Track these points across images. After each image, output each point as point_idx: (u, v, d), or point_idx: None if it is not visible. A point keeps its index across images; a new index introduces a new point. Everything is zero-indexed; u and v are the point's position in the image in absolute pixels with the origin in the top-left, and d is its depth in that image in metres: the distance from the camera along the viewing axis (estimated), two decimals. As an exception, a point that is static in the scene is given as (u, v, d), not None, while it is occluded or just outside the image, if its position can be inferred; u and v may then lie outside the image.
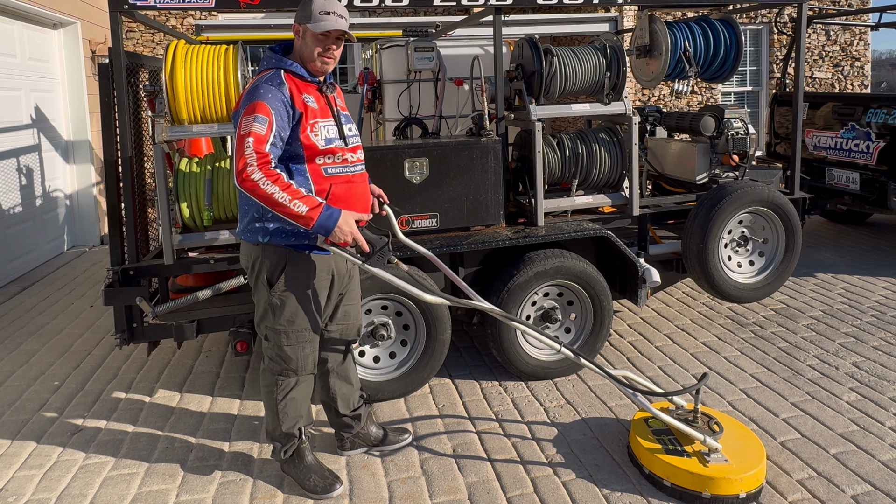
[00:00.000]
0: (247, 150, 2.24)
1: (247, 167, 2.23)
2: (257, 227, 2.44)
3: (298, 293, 2.50)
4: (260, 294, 2.53)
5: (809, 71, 9.63)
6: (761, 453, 2.59)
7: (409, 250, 3.01)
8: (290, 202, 2.23)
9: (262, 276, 2.49)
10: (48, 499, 2.68)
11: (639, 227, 4.03)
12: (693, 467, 2.52)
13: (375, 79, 4.23)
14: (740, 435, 2.72)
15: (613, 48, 3.92)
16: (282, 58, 2.45)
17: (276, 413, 2.61)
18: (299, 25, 2.43)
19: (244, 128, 2.27)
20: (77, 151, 6.99)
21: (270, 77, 2.38)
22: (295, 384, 2.60)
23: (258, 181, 2.23)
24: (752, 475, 2.49)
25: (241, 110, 2.34)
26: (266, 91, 2.32)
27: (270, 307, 2.50)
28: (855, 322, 4.24)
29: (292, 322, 2.51)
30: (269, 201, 2.24)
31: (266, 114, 2.28)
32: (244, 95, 2.38)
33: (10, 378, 3.83)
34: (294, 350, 2.54)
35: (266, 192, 2.23)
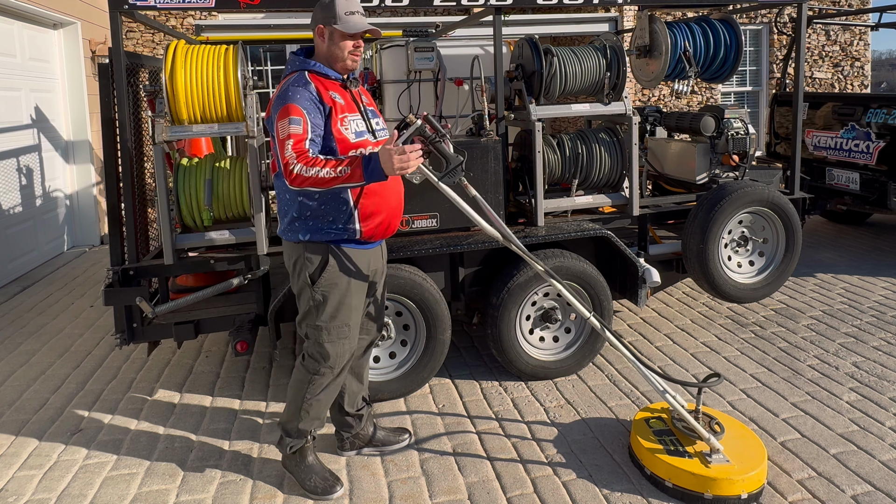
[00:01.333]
0: (286, 152, 2.28)
1: (288, 167, 2.27)
2: (297, 226, 2.48)
3: (340, 289, 2.51)
4: (303, 292, 2.54)
5: (809, 71, 9.63)
6: (762, 454, 2.59)
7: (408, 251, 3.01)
8: (336, 172, 2.25)
9: (304, 273, 2.50)
10: (48, 499, 2.68)
11: (639, 227, 4.03)
12: (695, 468, 2.52)
13: (375, 79, 4.23)
14: (741, 435, 2.72)
15: (613, 48, 3.92)
16: (305, 59, 2.49)
17: (298, 409, 2.60)
18: (324, 27, 2.45)
19: (281, 132, 2.31)
20: (77, 151, 6.99)
21: (296, 79, 2.41)
22: (326, 385, 2.59)
23: (302, 173, 2.26)
24: (753, 476, 2.49)
25: (274, 116, 2.37)
26: (294, 93, 2.36)
27: (313, 304, 2.52)
28: (855, 322, 4.24)
29: (334, 318, 2.53)
30: (321, 182, 2.26)
31: (299, 114, 2.31)
32: (274, 102, 2.41)
33: (10, 378, 3.83)
34: (334, 346, 2.55)
35: (313, 177, 2.25)
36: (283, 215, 2.53)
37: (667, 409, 2.89)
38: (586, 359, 3.58)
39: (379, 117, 2.65)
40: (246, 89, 3.40)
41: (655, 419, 2.85)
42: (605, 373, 3.64)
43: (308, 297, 2.53)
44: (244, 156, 3.63)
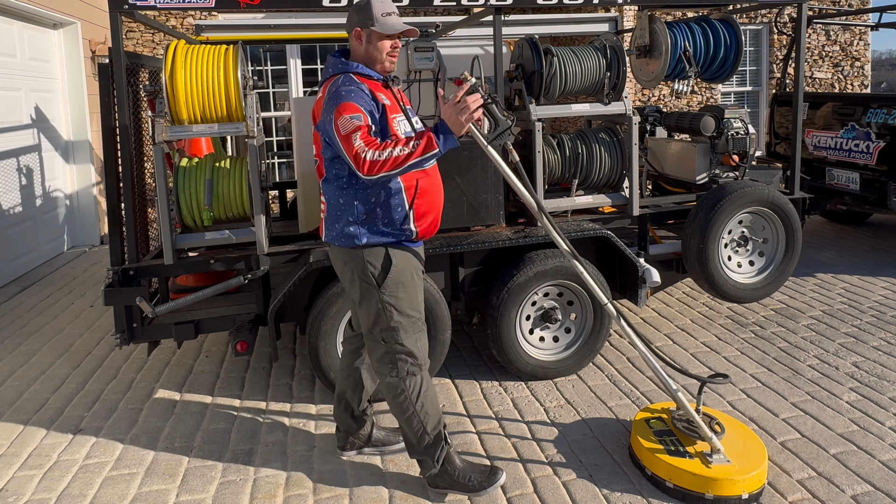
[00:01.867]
0: (355, 144, 2.22)
1: (360, 158, 2.21)
2: (353, 231, 2.42)
3: (406, 287, 2.49)
4: (368, 298, 2.47)
5: (809, 71, 9.63)
6: (763, 454, 2.59)
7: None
8: (410, 147, 2.22)
9: (366, 278, 2.45)
10: (48, 499, 2.68)
11: (639, 227, 4.03)
12: (695, 468, 2.52)
13: (375, 79, 4.23)
14: (742, 435, 2.72)
15: (613, 48, 3.92)
16: (346, 62, 2.46)
17: (417, 418, 2.53)
18: (361, 29, 2.43)
19: (343, 128, 2.25)
20: (77, 151, 6.99)
21: (344, 80, 2.37)
22: (422, 381, 2.54)
23: (375, 158, 2.21)
24: (754, 476, 2.49)
25: (329, 116, 2.31)
26: (348, 91, 2.32)
27: (383, 307, 2.46)
28: (855, 322, 4.24)
29: (408, 315, 2.49)
30: (397, 163, 2.22)
31: (356, 110, 2.28)
32: (326, 104, 2.35)
33: (10, 378, 3.83)
34: (413, 342, 2.51)
35: (388, 159, 2.21)
36: (335, 221, 2.45)
37: (667, 410, 2.89)
38: (586, 359, 3.58)
39: (416, 116, 2.63)
40: (246, 89, 3.40)
41: (656, 419, 2.85)
42: (605, 373, 3.64)
43: (376, 301, 2.46)
44: (244, 156, 3.63)
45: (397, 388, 2.52)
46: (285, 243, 3.66)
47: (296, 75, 8.37)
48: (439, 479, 2.59)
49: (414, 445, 2.59)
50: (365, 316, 2.52)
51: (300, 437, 3.08)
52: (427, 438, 2.55)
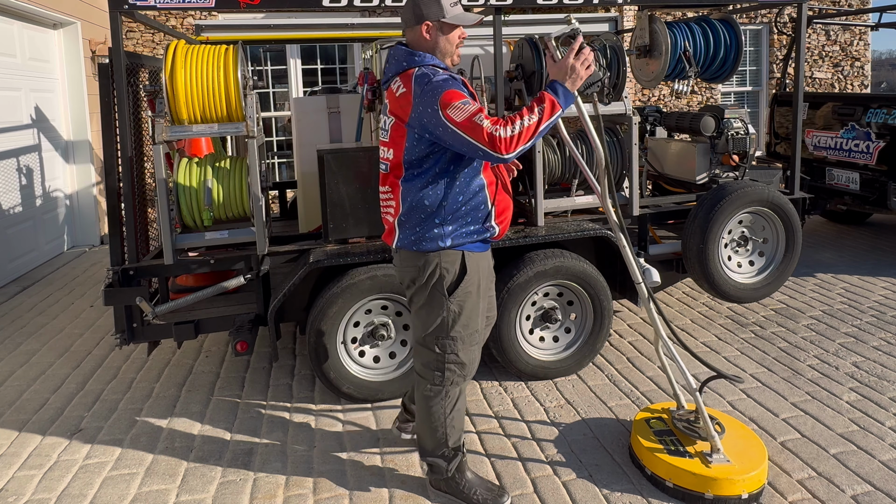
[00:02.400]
0: (482, 124, 2.12)
1: (495, 136, 2.11)
2: (436, 233, 2.33)
3: (472, 297, 2.42)
4: (434, 304, 2.40)
5: (809, 71, 9.63)
6: (763, 454, 2.59)
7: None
8: (537, 113, 2.15)
9: (439, 284, 2.37)
10: (48, 499, 2.68)
11: (639, 227, 4.03)
12: (695, 468, 2.52)
13: (375, 79, 4.23)
14: (742, 435, 2.72)
15: (613, 48, 3.92)
16: (421, 54, 2.33)
17: (444, 428, 2.48)
18: (431, 23, 2.31)
19: (458, 116, 2.14)
20: (77, 151, 6.99)
21: (429, 71, 2.26)
22: (460, 394, 2.50)
23: (510, 134, 2.12)
24: (754, 476, 2.49)
25: (433, 108, 2.18)
26: (444, 80, 2.21)
27: (447, 315, 2.39)
28: (855, 322, 4.24)
29: (467, 326, 2.43)
30: (530, 132, 2.14)
31: (462, 96, 2.18)
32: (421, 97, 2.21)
33: (10, 378, 3.83)
34: (468, 354, 2.45)
35: (521, 131, 2.13)
36: (416, 224, 2.34)
37: (667, 410, 2.90)
38: (586, 359, 3.58)
39: None
40: (246, 89, 3.40)
41: (656, 419, 2.85)
42: (605, 373, 3.64)
43: (442, 308, 2.38)
44: (244, 156, 3.63)
45: (436, 396, 2.47)
46: (285, 243, 3.66)
47: (296, 75, 8.37)
48: (444, 485, 2.56)
49: (428, 451, 2.55)
50: (423, 321, 2.44)
51: (300, 437, 3.08)
52: (445, 450, 2.51)
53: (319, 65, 8.51)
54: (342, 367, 3.28)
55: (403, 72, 2.32)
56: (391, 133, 2.36)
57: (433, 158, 2.29)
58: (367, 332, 3.34)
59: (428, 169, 2.31)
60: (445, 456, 2.51)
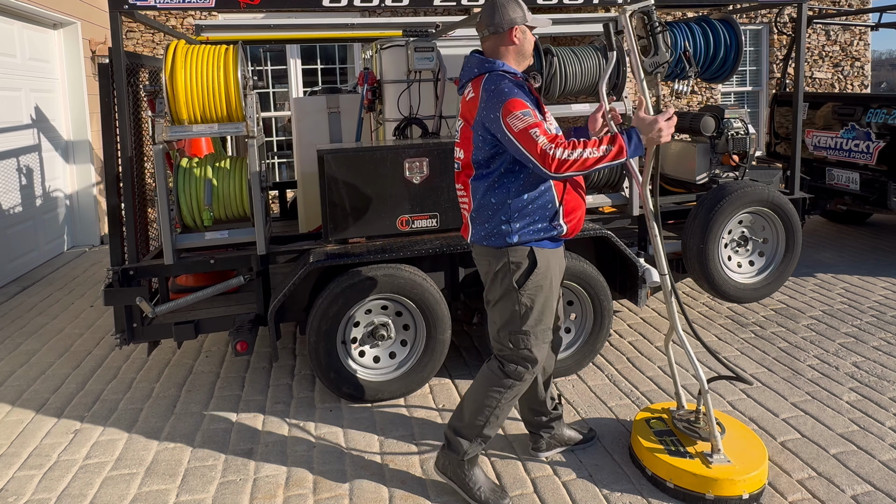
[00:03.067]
0: (538, 139, 2.23)
1: (548, 153, 2.22)
2: (504, 230, 2.41)
3: (544, 292, 2.47)
4: (506, 298, 2.46)
5: (809, 71, 9.63)
6: (763, 454, 2.59)
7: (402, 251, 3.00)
8: (600, 151, 2.25)
9: (508, 278, 2.43)
10: (48, 499, 2.68)
11: (639, 227, 4.03)
12: (696, 469, 2.52)
13: (375, 79, 4.23)
14: (742, 435, 2.72)
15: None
16: (493, 61, 2.44)
17: (489, 415, 2.51)
18: (517, 27, 2.42)
19: (516, 125, 2.25)
20: (77, 151, 6.99)
21: (498, 77, 2.36)
22: (522, 390, 2.54)
23: (566, 157, 2.22)
24: (754, 476, 2.49)
25: (496, 115, 2.29)
26: (510, 88, 2.32)
27: (519, 309, 2.45)
28: (855, 322, 4.24)
29: (539, 321, 2.48)
30: (585, 164, 2.24)
31: (524, 106, 2.28)
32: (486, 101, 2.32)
33: (10, 378, 3.83)
34: (539, 350, 2.49)
35: (578, 159, 2.23)
36: (486, 220, 2.43)
37: (667, 410, 2.90)
38: (586, 359, 3.57)
39: None
40: (246, 89, 3.40)
41: (656, 419, 2.85)
42: (605, 373, 3.64)
43: (513, 302, 2.44)
44: (244, 156, 3.63)
45: (498, 385, 2.51)
46: (285, 243, 3.66)
47: (296, 75, 8.37)
48: (450, 469, 2.58)
49: (461, 425, 2.56)
50: (498, 316, 2.51)
51: (300, 437, 3.08)
52: (476, 433, 2.54)
53: (319, 65, 8.51)
54: (342, 367, 3.29)
55: (475, 77, 2.44)
56: (461, 134, 2.50)
57: (499, 159, 2.39)
58: (367, 332, 3.34)
59: (495, 169, 2.40)
60: (471, 438, 2.54)
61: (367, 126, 4.49)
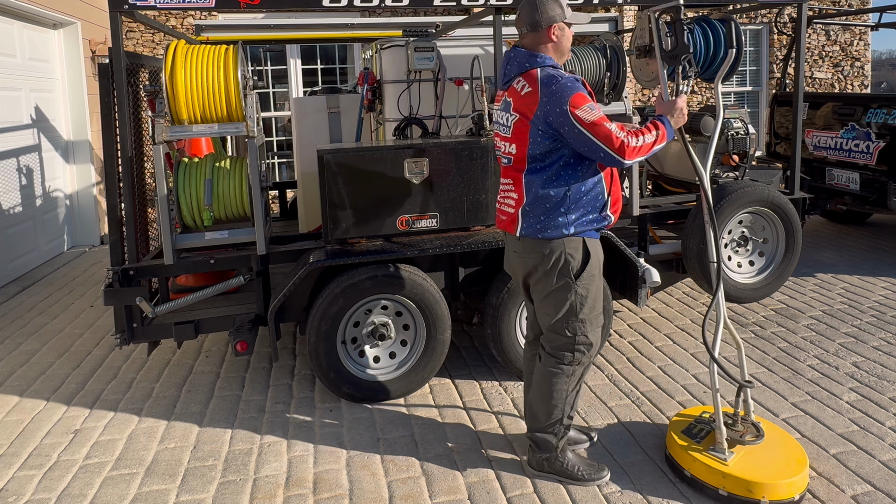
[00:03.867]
0: (613, 131, 2.35)
1: (623, 142, 2.35)
2: (561, 222, 2.48)
3: (596, 280, 2.58)
4: (562, 289, 2.52)
5: (809, 71, 9.63)
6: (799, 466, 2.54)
7: (410, 249, 3.01)
8: (654, 136, 2.44)
9: (565, 269, 2.50)
10: (48, 499, 2.68)
11: (639, 227, 4.03)
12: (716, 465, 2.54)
13: (375, 79, 4.23)
14: (782, 442, 2.70)
15: (613, 48, 3.92)
16: (543, 55, 2.50)
17: (563, 405, 2.60)
18: (555, 24, 2.48)
19: (587, 117, 2.34)
20: (77, 151, 6.99)
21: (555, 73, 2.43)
22: (583, 373, 2.63)
23: (637, 144, 2.38)
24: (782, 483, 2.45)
25: (563, 108, 2.35)
26: (573, 83, 2.41)
27: (577, 298, 2.52)
28: (855, 322, 4.24)
29: (594, 308, 2.57)
30: (648, 148, 2.43)
31: (588, 100, 2.38)
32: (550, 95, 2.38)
33: (10, 378, 3.83)
34: (595, 335, 2.59)
35: (645, 145, 2.41)
36: (542, 213, 2.48)
37: (704, 413, 2.90)
38: (586, 359, 3.57)
39: None
40: (246, 89, 3.40)
41: (694, 423, 2.83)
42: (605, 373, 3.64)
43: (570, 292, 2.52)
44: (244, 156, 3.63)
45: (563, 375, 2.59)
46: (285, 243, 3.66)
47: (296, 75, 8.37)
48: (547, 464, 2.66)
49: (540, 426, 2.64)
50: (552, 308, 2.56)
51: (300, 437, 3.08)
52: (559, 428, 2.63)
53: (319, 65, 8.51)
54: (342, 367, 3.29)
55: (526, 72, 2.49)
56: (514, 129, 2.51)
57: (557, 153, 2.45)
58: (367, 332, 3.34)
59: (552, 163, 2.46)
60: (556, 432, 2.63)
61: (367, 126, 4.49)
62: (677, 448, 2.70)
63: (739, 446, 2.64)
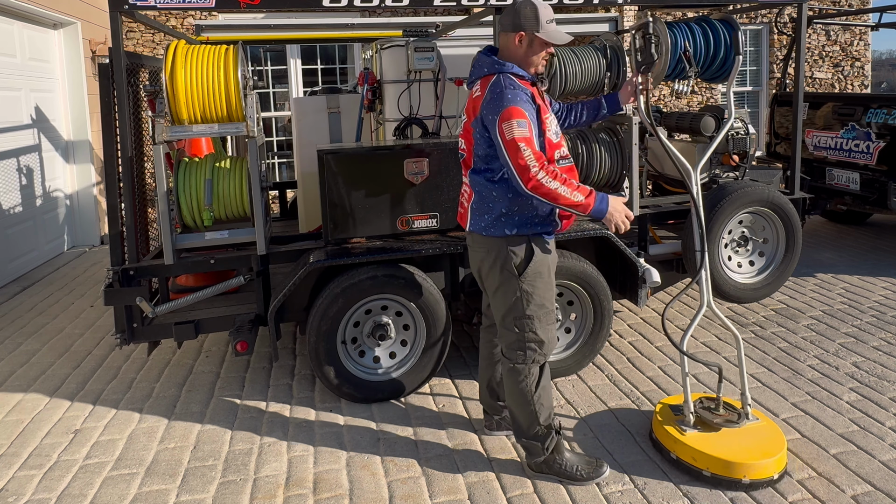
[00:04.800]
0: (524, 153, 2.34)
1: (530, 170, 2.34)
2: (503, 222, 2.51)
3: (543, 277, 2.58)
4: (507, 285, 2.56)
5: (809, 71, 9.63)
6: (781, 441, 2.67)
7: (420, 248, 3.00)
8: (570, 194, 2.38)
9: (507, 265, 2.53)
10: (48, 499, 2.68)
11: (639, 227, 4.03)
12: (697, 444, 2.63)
13: (375, 79, 4.23)
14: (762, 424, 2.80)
15: (613, 48, 3.92)
16: (502, 62, 2.50)
17: (532, 407, 2.62)
18: (524, 32, 2.47)
19: (508, 133, 2.35)
20: (77, 151, 6.99)
21: (505, 81, 2.43)
22: (541, 371, 2.64)
23: (542, 180, 2.35)
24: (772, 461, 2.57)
25: (494, 117, 2.39)
26: (513, 95, 2.40)
27: (522, 295, 2.55)
28: (855, 322, 4.24)
29: (542, 305, 2.58)
30: (552, 196, 2.37)
31: (523, 116, 2.37)
32: (489, 103, 2.41)
33: (10, 378, 3.83)
34: (545, 332, 2.60)
35: (549, 188, 2.36)
36: (485, 212, 2.54)
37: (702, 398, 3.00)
38: (586, 359, 3.57)
39: None
40: (246, 89, 3.40)
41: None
42: (605, 373, 3.64)
43: (514, 289, 2.55)
44: (244, 156, 3.63)
45: (521, 374, 2.61)
46: (285, 243, 3.66)
47: (296, 75, 8.37)
48: (544, 466, 2.68)
49: (523, 431, 2.68)
50: (501, 303, 2.60)
51: (300, 437, 3.08)
52: (537, 427, 2.64)
53: (319, 65, 8.51)
54: (342, 367, 3.29)
55: (484, 76, 2.53)
56: (463, 128, 2.61)
57: (496, 158, 2.47)
58: (367, 332, 3.34)
59: (493, 166, 2.50)
60: (539, 435, 2.65)
61: (367, 126, 4.49)
62: (662, 431, 2.82)
63: (724, 429, 2.74)
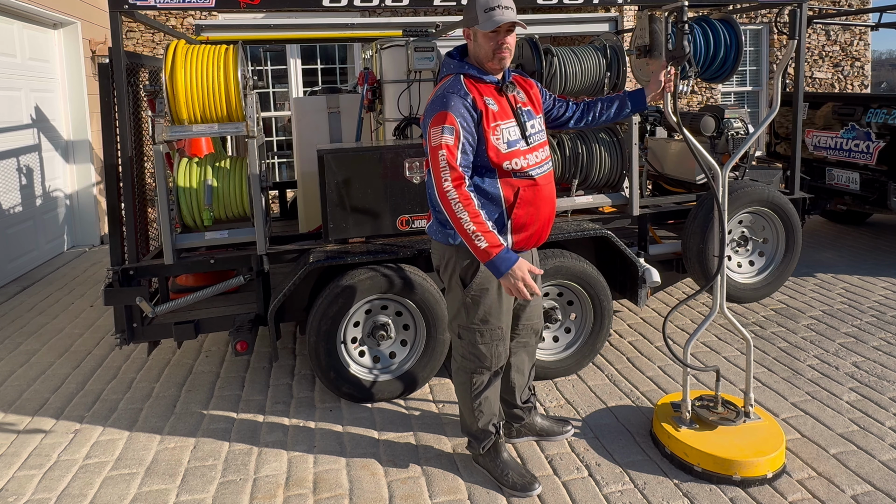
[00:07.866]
0: (441, 163, 2.29)
1: (443, 183, 2.28)
2: (448, 231, 2.45)
3: (491, 293, 2.48)
4: (453, 293, 2.55)
5: (809, 71, 9.63)
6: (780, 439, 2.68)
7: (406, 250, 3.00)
8: (473, 234, 2.25)
9: (455, 275, 2.50)
10: (48, 499, 2.68)
11: (639, 227, 4.03)
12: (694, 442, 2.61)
13: (375, 79, 4.23)
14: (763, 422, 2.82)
15: (613, 48, 3.92)
16: (460, 62, 2.44)
17: (471, 410, 2.63)
18: (468, 29, 2.42)
19: (434, 139, 2.31)
20: (77, 151, 6.99)
21: (451, 84, 2.39)
22: (487, 382, 2.61)
23: (452, 201, 2.27)
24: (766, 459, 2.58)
25: (428, 121, 2.36)
26: (449, 99, 2.33)
27: (464, 306, 2.51)
28: (855, 322, 4.24)
29: (486, 321, 2.51)
30: (456, 224, 2.28)
31: (452, 122, 2.30)
32: (429, 105, 2.39)
33: (10, 378, 3.83)
34: (488, 348, 2.54)
35: (456, 215, 2.26)
36: (435, 217, 2.52)
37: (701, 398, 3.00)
38: (586, 359, 3.57)
39: (536, 117, 2.54)
40: (246, 89, 3.40)
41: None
42: (605, 373, 3.64)
43: (459, 297, 2.51)
44: (244, 156, 3.63)
45: (463, 378, 2.62)
46: (285, 243, 3.66)
47: (296, 75, 8.37)
48: (482, 460, 2.71)
49: (465, 425, 2.73)
50: (449, 307, 2.62)
51: (300, 437, 3.08)
52: (476, 428, 2.66)
53: (319, 65, 8.51)
54: (342, 367, 3.29)
55: (442, 78, 2.50)
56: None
57: None
58: (367, 332, 3.34)
59: None
60: (475, 434, 2.68)
61: (367, 126, 4.49)
62: (659, 427, 2.84)
63: (720, 427, 2.76)
